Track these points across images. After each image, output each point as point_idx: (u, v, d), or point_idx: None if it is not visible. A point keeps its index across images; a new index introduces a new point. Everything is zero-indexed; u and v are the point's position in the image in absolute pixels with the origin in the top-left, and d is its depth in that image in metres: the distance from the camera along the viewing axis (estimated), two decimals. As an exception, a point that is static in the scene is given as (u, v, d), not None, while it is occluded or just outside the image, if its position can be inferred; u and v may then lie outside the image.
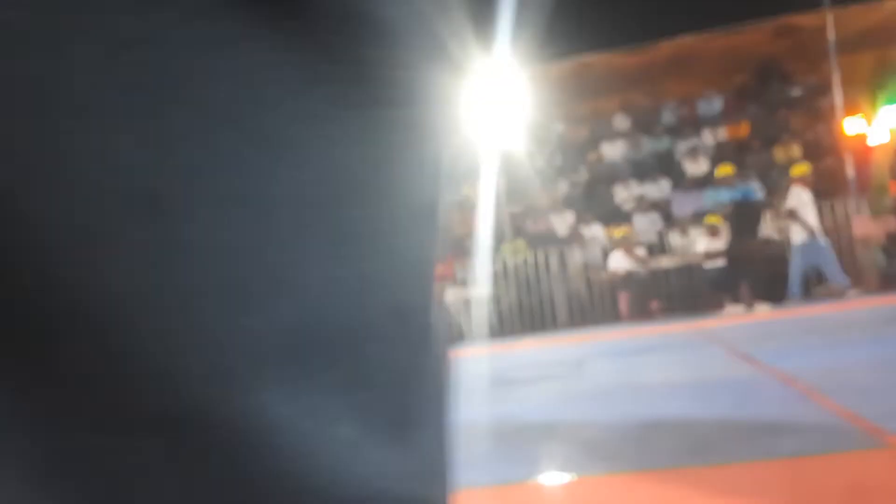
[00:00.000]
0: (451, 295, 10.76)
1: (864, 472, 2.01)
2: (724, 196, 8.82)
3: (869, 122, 10.82)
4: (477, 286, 10.63)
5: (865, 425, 2.43)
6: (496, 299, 10.43)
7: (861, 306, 7.50)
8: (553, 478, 2.37)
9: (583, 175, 12.81)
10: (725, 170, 8.98)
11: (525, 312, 10.47)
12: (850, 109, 10.40)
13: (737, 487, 1.98)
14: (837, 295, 8.63)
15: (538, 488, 2.30)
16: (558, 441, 2.92)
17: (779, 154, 11.95)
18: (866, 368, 3.67)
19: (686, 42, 11.39)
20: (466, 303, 10.70)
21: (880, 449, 2.18)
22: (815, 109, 12.61)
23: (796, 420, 2.72)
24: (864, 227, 9.44)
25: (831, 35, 10.26)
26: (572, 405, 3.79)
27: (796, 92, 13.28)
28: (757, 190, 9.38)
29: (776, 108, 13.05)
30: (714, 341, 5.99)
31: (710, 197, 10.55)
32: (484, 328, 10.32)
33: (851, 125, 10.45)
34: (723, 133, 12.87)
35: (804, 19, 11.11)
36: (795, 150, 11.87)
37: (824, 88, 12.33)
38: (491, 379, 5.75)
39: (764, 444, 2.43)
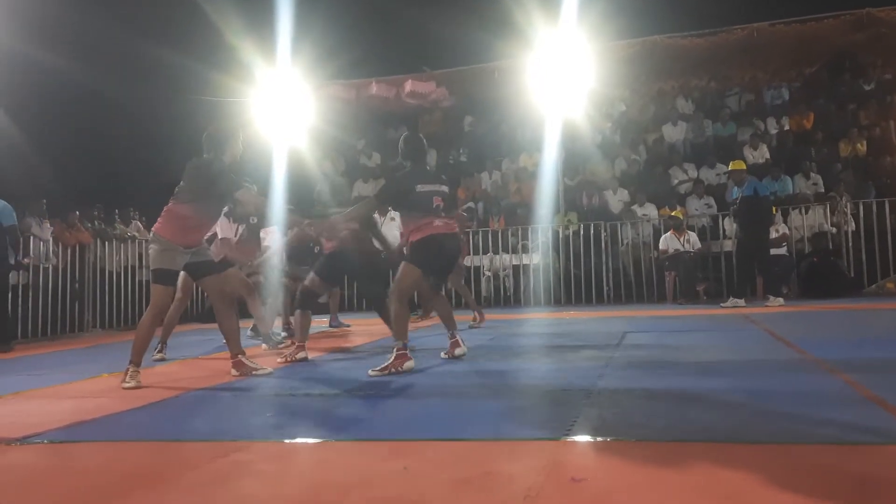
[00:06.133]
0: (503, 261, 11.04)
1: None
2: (734, 193, 8.86)
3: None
4: (528, 254, 10.87)
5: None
6: (545, 268, 10.64)
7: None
8: (586, 438, 2.45)
9: (641, 154, 12.82)
10: (738, 165, 8.97)
11: (573, 284, 10.67)
12: (923, 108, 10.17)
13: (768, 468, 1.98)
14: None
15: (570, 446, 2.40)
16: (596, 405, 3.01)
17: (843, 148, 11.78)
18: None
19: (759, 28, 11.14)
20: (517, 269, 10.97)
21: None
22: (887, 105, 12.33)
23: (838, 409, 2.76)
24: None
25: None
26: (611, 374, 3.88)
27: (868, 86, 12.98)
28: (766, 186, 9.36)
29: (845, 101, 12.78)
30: (760, 327, 6.04)
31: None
32: (532, 295, 10.57)
33: (922, 124, 10.23)
34: (787, 123, 12.69)
35: (885, 12, 10.77)
36: (860, 144, 11.69)
37: (898, 84, 12.05)
38: (537, 343, 5.99)
39: (803, 429, 2.46)
